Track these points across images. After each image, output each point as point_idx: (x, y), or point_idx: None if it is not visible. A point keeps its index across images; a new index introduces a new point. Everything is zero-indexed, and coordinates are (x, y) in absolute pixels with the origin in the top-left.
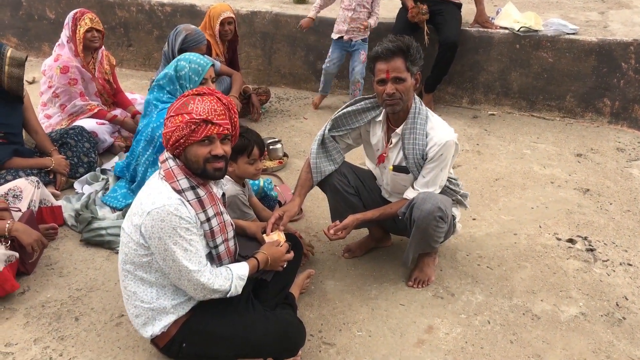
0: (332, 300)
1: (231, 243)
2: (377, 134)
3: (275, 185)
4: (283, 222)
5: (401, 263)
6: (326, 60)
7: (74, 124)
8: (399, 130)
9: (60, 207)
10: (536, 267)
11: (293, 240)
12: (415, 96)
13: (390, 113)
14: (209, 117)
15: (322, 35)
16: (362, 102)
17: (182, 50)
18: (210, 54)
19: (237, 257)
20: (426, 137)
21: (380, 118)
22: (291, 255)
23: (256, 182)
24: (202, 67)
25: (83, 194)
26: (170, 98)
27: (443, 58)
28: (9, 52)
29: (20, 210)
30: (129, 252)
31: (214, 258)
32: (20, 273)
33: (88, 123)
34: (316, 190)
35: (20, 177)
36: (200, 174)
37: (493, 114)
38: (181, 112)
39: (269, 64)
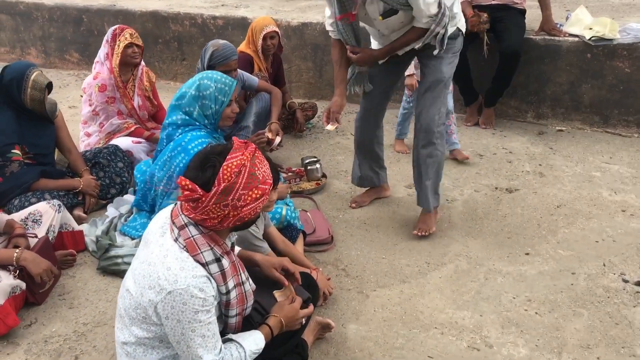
0: (351, 349)
1: (247, 311)
2: None
3: (303, 210)
4: (332, 117)
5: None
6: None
7: (110, 142)
8: None
9: (81, 232)
10: (595, 315)
11: (307, 280)
12: None
13: None
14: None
15: None
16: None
17: (210, 67)
18: (252, 69)
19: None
20: None
21: None
22: (310, 310)
23: (278, 210)
24: (229, 86)
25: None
26: (185, 120)
27: (504, 69)
28: (33, 76)
29: (36, 236)
30: (136, 317)
31: (221, 322)
32: (30, 303)
33: (123, 142)
34: (352, 216)
35: (45, 199)
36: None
37: (561, 130)
38: (254, 184)
39: (320, 77)
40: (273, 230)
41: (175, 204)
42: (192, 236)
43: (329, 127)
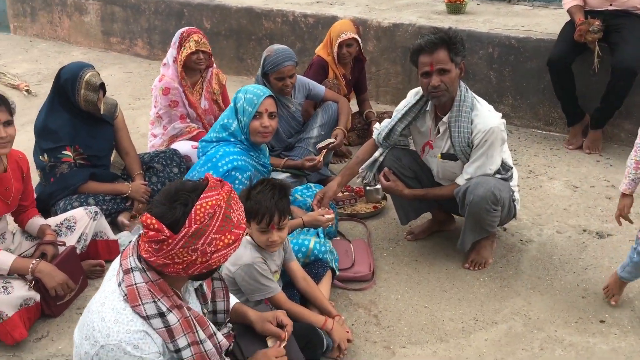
0: None
1: None
2: (426, 123)
3: (346, 239)
4: (324, 203)
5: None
6: None
7: (171, 146)
8: (445, 119)
9: (116, 241)
10: None
11: (309, 336)
12: (461, 83)
13: (436, 104)
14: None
15: (469, 52)
16: (407, 108)
17: (264, 75)
18: (325, 75)
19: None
20: (471, 124)
21: (428, 107)
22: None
23: (305, 242)
24: (258, 96)
25: None
26: (219, 138)
27: (616, 87)
28: (87, 77)
29: (64, 244)
30: None
31: None
32: (46, 315)
33: (183, 146)
34: (404, 250)
35: (89, 204)
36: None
37: None
38: (228, 229)
39: (409, 82)
40: (294, 266)
41: (130, 242)
42: (135, 284)
43: (322, 211)
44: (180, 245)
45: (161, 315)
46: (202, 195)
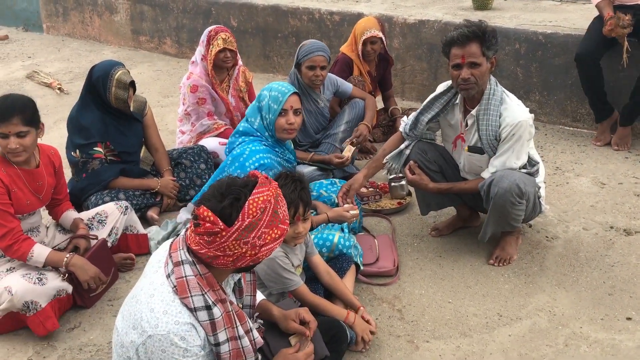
0: None
1: None
2: (455, 116)
3: (371, 235)
4: (350, 195)
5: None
6: None
7: (199, 142)
8: (473, 111)
9: (145, 235)
10: None
11: (334, 330)
12: (491, 77)
13: (465, 97)
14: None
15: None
16: (431, 98)
17: (297, 65)
18: (350, 72)
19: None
20: (499, 118)
21: (457, 101)
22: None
23: (329, 237)
24: (283, 94)
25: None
26: (247, 128)
27: None
28: (117, 75)
29: (96, 238)
30: (121, 355)
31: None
32: (79, 306)
33: (211, 143)
34: (428, 246)
35: (119, 198)
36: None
37: None
38: (276, 223)
39: (435, 79)
40: (317, 260)
41: (177, 237)
42: (185, 276)
43: (347, 207)
44: (234, 237)
45: (207, 307)
46: (254, 191)
